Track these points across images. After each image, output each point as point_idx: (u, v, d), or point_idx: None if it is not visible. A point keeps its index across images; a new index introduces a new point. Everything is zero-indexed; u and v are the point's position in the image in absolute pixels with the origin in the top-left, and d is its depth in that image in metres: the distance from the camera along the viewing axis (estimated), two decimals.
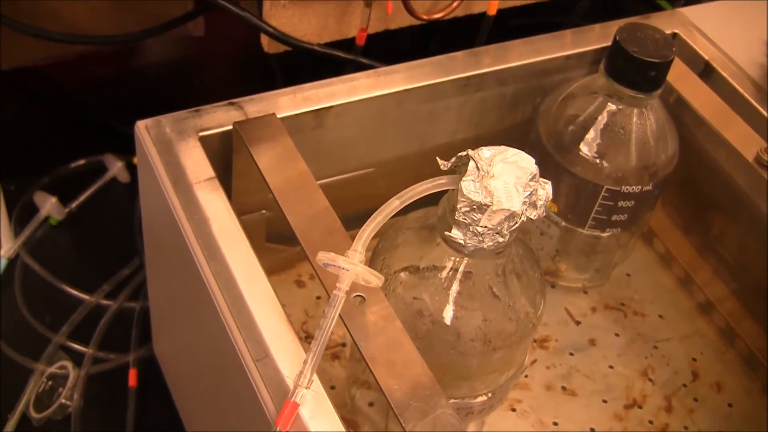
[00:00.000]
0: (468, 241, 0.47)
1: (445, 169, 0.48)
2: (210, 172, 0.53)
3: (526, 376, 0.66)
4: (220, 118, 0.57)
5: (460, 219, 0.47)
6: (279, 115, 0.57)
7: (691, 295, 0.73)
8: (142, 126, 0.56)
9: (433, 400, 0.44)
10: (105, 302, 0.76)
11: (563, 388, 0.66)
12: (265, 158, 0.54)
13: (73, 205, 0.82)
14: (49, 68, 0.92)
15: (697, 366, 0.69)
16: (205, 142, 0.55)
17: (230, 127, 0.56)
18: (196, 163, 0.54)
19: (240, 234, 0.50)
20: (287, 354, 0.45)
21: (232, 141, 0.57)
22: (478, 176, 0.46)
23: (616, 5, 0.82)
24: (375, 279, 0.45)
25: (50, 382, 0.70)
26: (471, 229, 0.47)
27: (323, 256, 0.44)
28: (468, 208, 0.46)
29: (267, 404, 0.44)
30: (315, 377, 0.43)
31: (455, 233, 0.47)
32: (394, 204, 0.46)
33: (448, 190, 0.48)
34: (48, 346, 0.72)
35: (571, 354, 0.68)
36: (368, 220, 0.46)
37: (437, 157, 0.48)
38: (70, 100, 0.92)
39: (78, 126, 0.91)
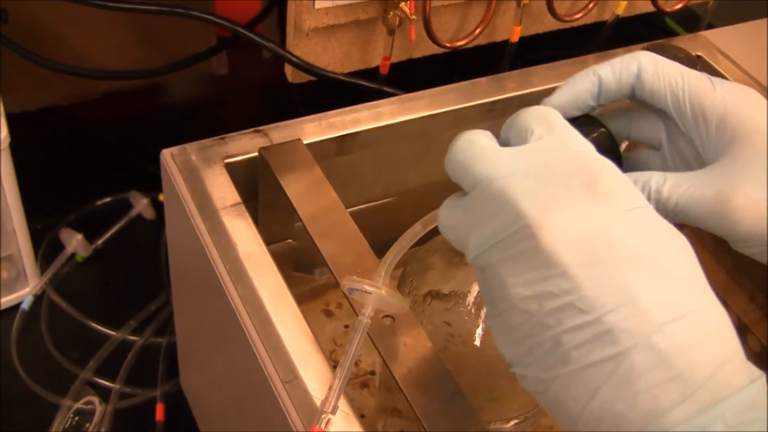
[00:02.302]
0: None
1: None
2: (236, 197, 0.53)
3: None
4: (245, 145, 0.57)
5: None
6: (304, 142, 0.57)
7: None
8: (167, 154, 0.56)
9: (467, 419, 0.43)
10: (131, 338, 0.76)
11: None
12: (291, 182, 0.54)
13: (99, 242, 0.82)
14: (73, 108, 0.93)
15: None
16: (230, 168, 0.55)
17: (255, 153, 0.56)
18: (222, 189, 0.54)
19: (266, 257, 0.50)
20: (316, 375, 0.44)
21: (257, 167, 0.57)
22: None
23: (634, 35, 0.82)
24: (398, 302, 0.44)
25: (77, 418, 0.70)
26: None
27: (347, 282, 0.44)
28: None
29: (297, 426, 0.43)
30: (346, 403, 0.43)
31: None
32: (417, 229, 0.45)
33: None
34: (75, 381, 0.72)
35: None
36: (392, 247, 0.45)
37: None
38: (95, 138, 0.93)
39: (103, 164, 0.91)
